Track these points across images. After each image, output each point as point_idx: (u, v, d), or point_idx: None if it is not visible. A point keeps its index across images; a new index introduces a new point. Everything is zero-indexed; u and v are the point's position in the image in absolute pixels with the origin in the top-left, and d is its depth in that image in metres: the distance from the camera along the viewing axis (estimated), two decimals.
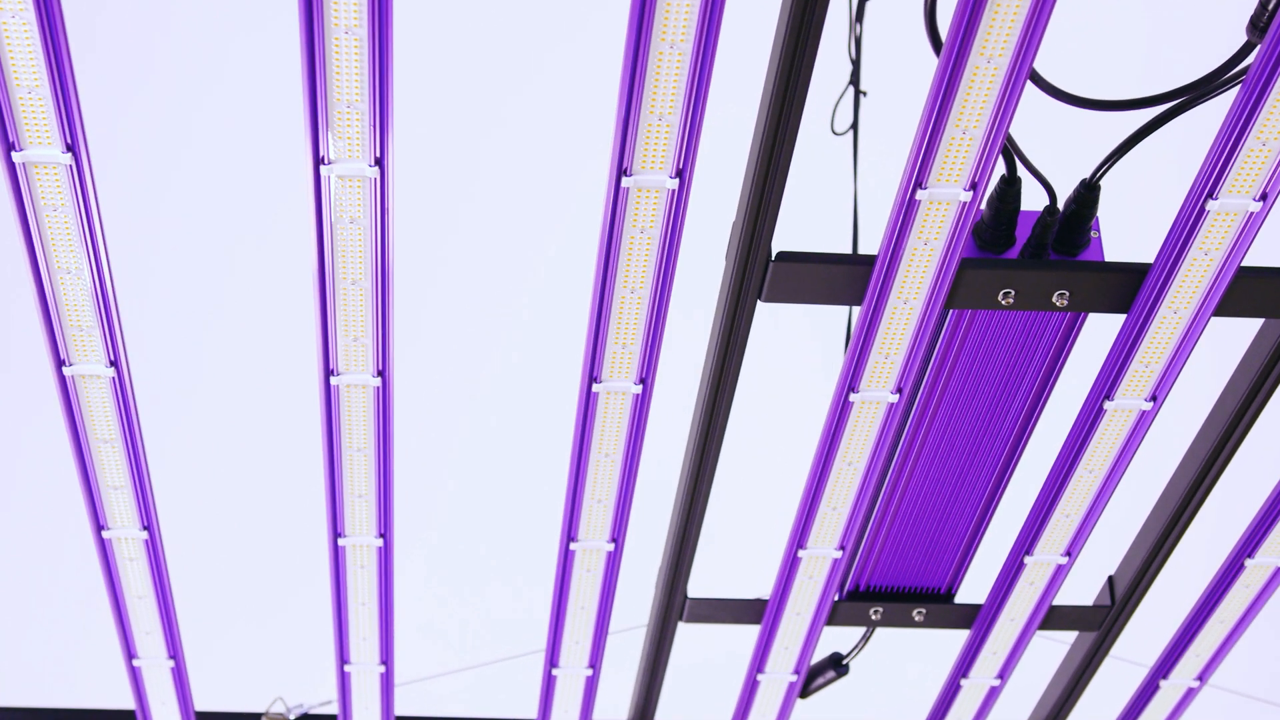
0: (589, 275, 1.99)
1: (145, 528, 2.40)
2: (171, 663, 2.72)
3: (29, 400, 3.44)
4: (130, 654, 2.70)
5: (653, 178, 1.83)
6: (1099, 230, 2.06)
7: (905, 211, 1.89)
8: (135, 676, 2.77)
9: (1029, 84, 1.80)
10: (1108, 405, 2.20)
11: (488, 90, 3.83)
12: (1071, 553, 2.52)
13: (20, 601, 4.07)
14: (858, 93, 2.74)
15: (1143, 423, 2.24)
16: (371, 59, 1.69)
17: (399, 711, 2.99)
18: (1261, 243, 1.99)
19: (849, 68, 2.66)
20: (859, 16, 2.61)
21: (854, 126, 2.73)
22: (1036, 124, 2.15)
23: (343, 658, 2.73)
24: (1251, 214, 1.90)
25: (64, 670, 4.03)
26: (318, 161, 1.80)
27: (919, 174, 1.85)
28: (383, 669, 2.76)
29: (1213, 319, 2.07)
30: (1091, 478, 2.35)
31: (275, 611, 4.03)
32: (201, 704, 2.92)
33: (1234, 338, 2.25)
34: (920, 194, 1.87)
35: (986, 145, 1.81)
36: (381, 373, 2.11)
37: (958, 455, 2.36)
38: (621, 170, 1.82)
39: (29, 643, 4.09)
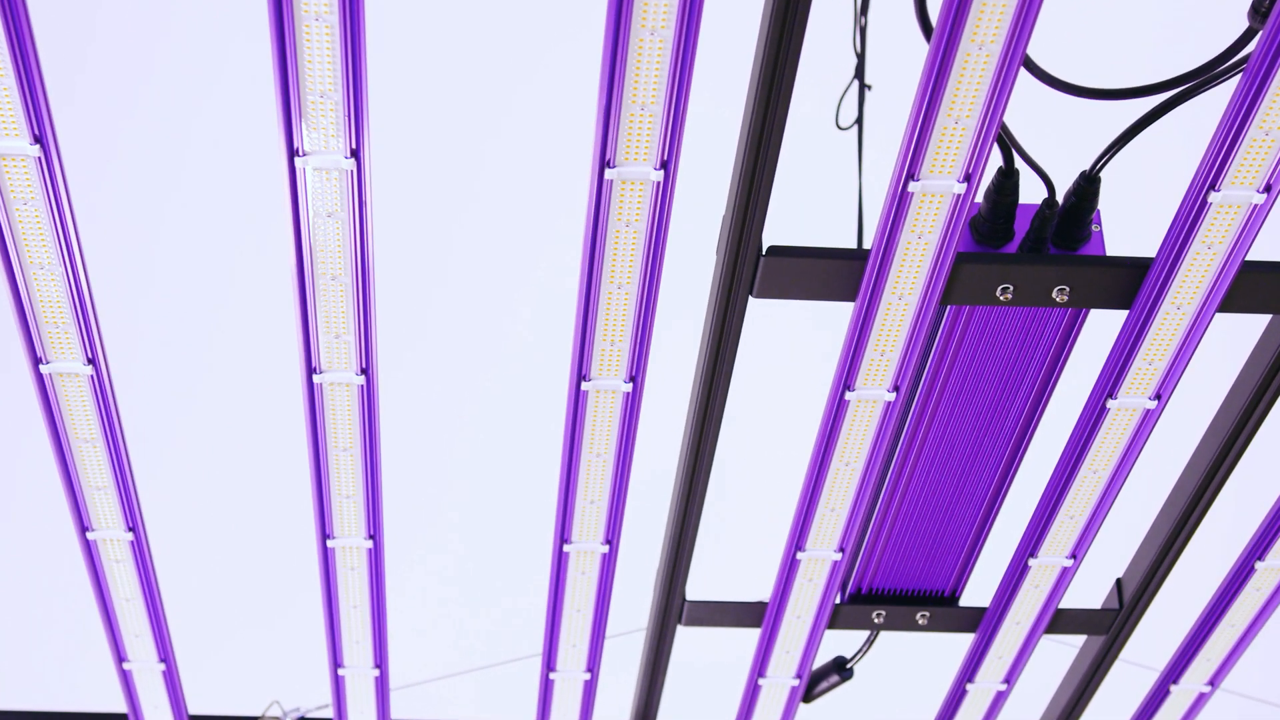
0: (576, 270, 1.94)
1: (130, 529, 2.36)
2: (162, 666, 2.68)
3: (8, 399, 3.40)
4: (120, 657, 2.66)
5: (636, 169, 1.78)
6: (1100, 224, 2.01)
7: (898, 204, 1.84)
8: (126, 680, 2.73)
9: (1024, 72, 1.74)
10: (1111, 404, 2.15)
11: (468, 80, 3.79)
12: (1077, 555, 2.47)
13: (11, 604, 4.04)
14: (862, 86, 2.69)
15: (1147, 422, 2.18)
16: (344, 46, 1.64)
17: (396, 715, 2.94)
18: (1266, 237, 1.93)
19: (853, 61, 2.62)
20: (864, 9, 2.56)
21: (859, 121, 2.68)
22: (1034, 114, 2.10)
23: (336, 661, 2.69)
24: (1255, 206, 1.85)
25: (56, 673, 4.00)
26: (292, 154, 1.75)
27: (911, 165, 1.80)
28: (377, 673, 2.71)
29: (1218, 315, 2.01)
30: (1096, 478, 2.30)
31: (272, 614, 3.99)
32: (196, 708, 2.88)
33: (1240, 334, 2.19)
34: (913, 186, 1.82)
35: (980, 135, 1.76)
36: (365, 371, 2.07)
37: (959, 455, 2.31)
38: (604, 162, 1.77)
39: (21, 646, 4.06)
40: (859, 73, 2.68)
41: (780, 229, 2.00)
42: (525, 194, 3.80)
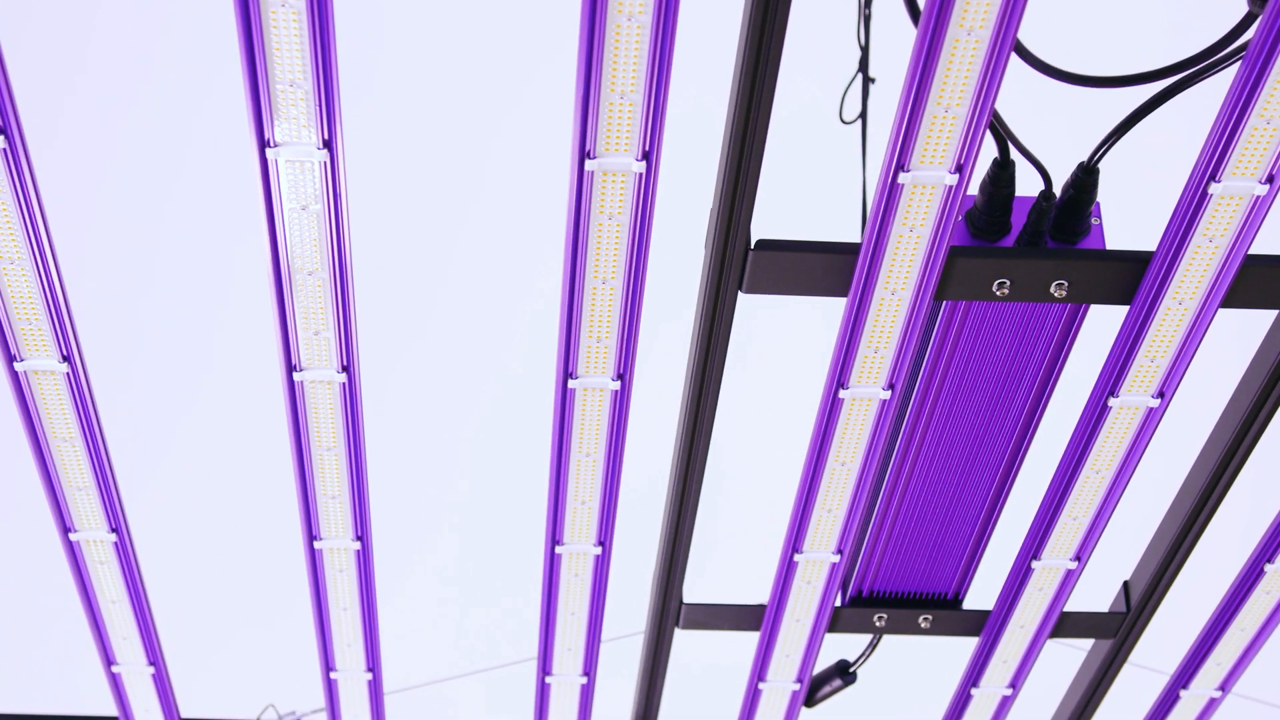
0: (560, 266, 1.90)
1: (114, 530, 2.31)
2: (152, 669, 2.64)
3: None
4: (109, 660, 2.62)
5: (617, 160, 1.73)
6: (1100, 216, 1.95)
7: (888, 196, 1.79)
8: (116, 683, 2.69)
9: (1016, 58, 1.69)
10: (1112, 402, 2.09)
11: (444, 70, 3.73)
12: (1081, 557, 2.41)
13: (1, 606, 4.01)
14: (866, 79, 2.64)
15: (1150, 420, 2.13)
16: (312, 33, 1.59)
17: (393, 718, 2.90)
18: (1270, 229, 1.87)
19: (851, 51, 2.57)
20: (868, 1, 2.51)
21: (863, 115, 2.63)
22: (1029, 103, 2.05)
23: (328, 665, 2.64)
24: (1257, 198, 1.79)
25: (46, 677, 3.97)
26: (263, 145, 1.71)
27: (901, 156, 1.74)
28: (370, 676, 2.66)
29: (1221, 310, 1.96)
30: (1099, 479, 2.24)
31: (270, 616, 3.95)
32: (189, 711, 2.84)
33: (1246, 330, 2.14)
34: (903, 177, 1.76)
35: (971, 124, 1.70)
36: (347, 368, 2.02)
37: (958, 454, 2.26)
38: (584, 153, 1.73)
39: (12, 648, 4.03)
40: (863, 65, 2.63)
41: (781, 225, 1.95)
42: (509, 186, 3.75)
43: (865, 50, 2.60)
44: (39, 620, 4.00)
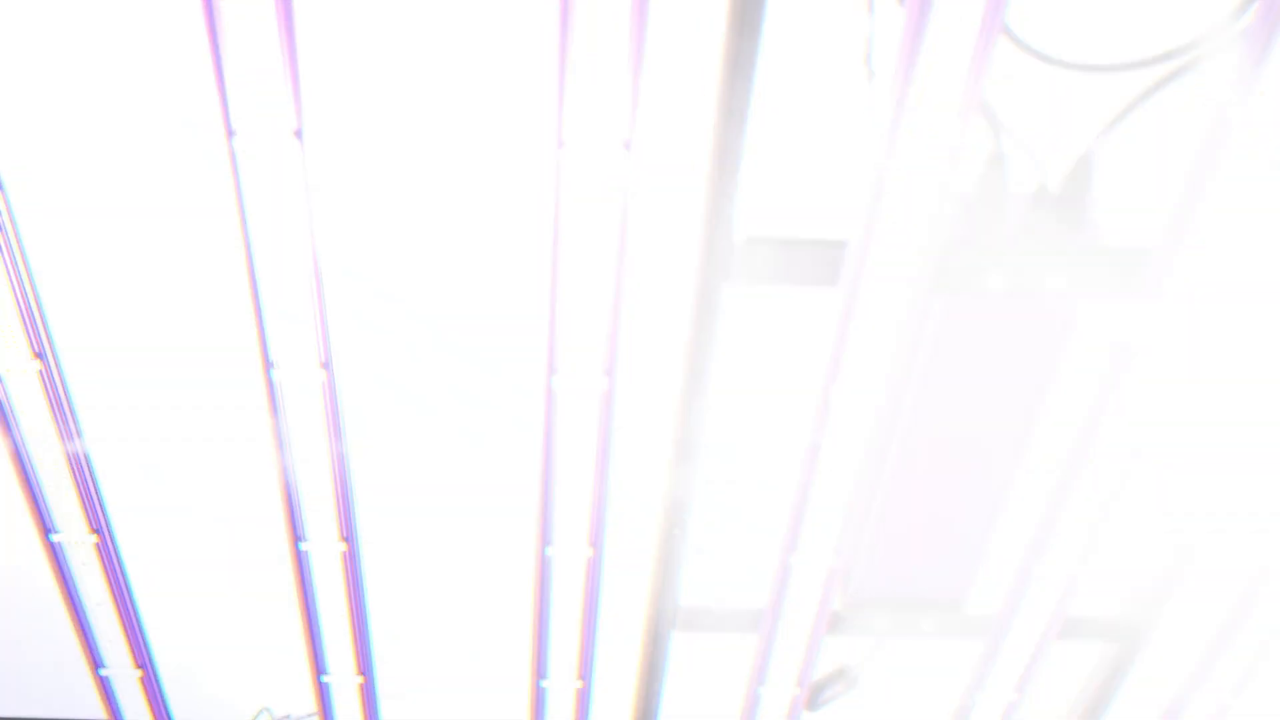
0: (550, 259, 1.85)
1: (96, 530, 2.27)
2: (141, 672, 2.60)
3: None
4: (96, 663, 2.58)
5: (598, 150, 1.69)
6: (1098, 210, 1.90)
7: (877, 187, 1.74)
8: (105, 686, 2.65)
9: (1008, 46, 1.64)
10: (1114, 400, 2.04)
11: (422, 58, 3.70)
12: (1086, 559, 2.35)
13: None
14: (870, 73, 2.59)
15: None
16: (280, 21, 1.55)
17: None
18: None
19: (851, 47, 2.52)
20: None
21: (865, 108, 2.58)
22: (1024, 94, 1.99)
23: (319, 668, 2.60)
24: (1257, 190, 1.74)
25: (39, 679, 3.94)
26: (230, 134, 1.66)
27: (889, 145, 1.69)
28: (362, 679, 2.62)
29: (1224, 305, 1.90)
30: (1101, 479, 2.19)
31: (267, 617, 3.92)
32: (182, 714, 2.80)
33: (1249, 324, 2.08)
34: (892, 168, 1.71)
35: (963, 114, 1.65)
36: (326, 364, 1.98)
37: (956, 453, 2.21)
38: (564, 141, 1.68)
39: (4, 650, 4.00)
40: (867, 59, 2.58)
41: (773, 219, 1.91)
42: (491, 177, 3.71)
43: (870, 43, 2.55)
44: (30, 622, 3.97)
